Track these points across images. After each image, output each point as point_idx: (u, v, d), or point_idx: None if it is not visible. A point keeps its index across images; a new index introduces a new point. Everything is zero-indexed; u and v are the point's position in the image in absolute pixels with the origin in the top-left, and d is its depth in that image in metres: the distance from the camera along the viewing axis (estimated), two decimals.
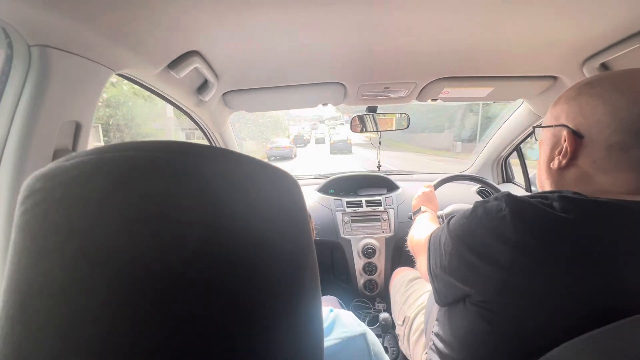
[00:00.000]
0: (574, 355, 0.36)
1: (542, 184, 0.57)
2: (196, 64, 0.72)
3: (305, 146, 27.64)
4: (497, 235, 0.44)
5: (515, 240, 0.42)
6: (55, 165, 0.19)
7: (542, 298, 0.41)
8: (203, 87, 0.90)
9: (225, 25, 0.63)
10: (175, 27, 0.60)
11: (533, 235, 0.41)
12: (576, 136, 0.47)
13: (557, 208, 0.42)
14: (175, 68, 0.69)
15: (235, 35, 0.67)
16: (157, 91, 0.78)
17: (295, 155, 19.78)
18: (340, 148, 21.35)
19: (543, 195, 0.46)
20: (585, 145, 0.46)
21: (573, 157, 0.48)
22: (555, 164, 0.51)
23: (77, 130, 0.56)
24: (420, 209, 0.99)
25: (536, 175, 0.62)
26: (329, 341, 0.47)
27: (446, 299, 0.56)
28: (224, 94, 1.04)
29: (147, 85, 0.73)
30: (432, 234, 0.61)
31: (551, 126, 0.52)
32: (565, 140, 0.48)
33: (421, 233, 0.76)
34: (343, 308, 1.08)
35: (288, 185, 0.26)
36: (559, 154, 0.50)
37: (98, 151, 0.20)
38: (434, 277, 0.57)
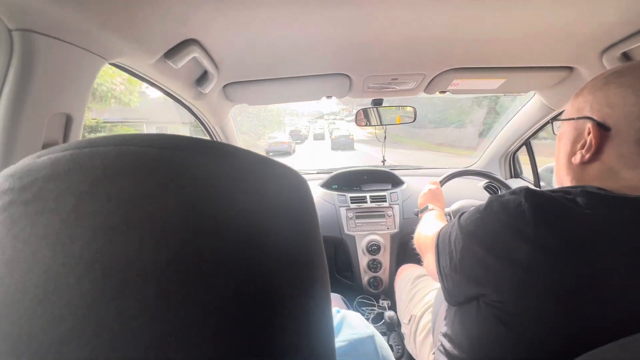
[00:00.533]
0: None
1: (561, 180, 0.54)
2: (195, 53, 0.69)
3: (302, 143, 24.80)
4: (515, 231, 0.41)
5: (535, 237, 0.39)
6: (26, 162, 0.17)
7: (564, 300, 0.38)
8: (202, 78, 0.86)
9: (225, 13, 0.59)
10: (171, 13, 0.56)
11: (555, 232, 0.38)
12: (602, 129, 0.44)
13: (581, 204, 0.39)
14: (173, 58, 0.66)
15: (235, 23, 0.64)
16: (154, 82, 0.75)
17: (294, 151, 18.76)
18: (343, 144, 19.80)
19: (565, 190, 0.43)
20: (612, 139, 0.43)
21: (597, 151, 0.45)
22: (577, 159, 0.48)
23: (68, 123, 0.52)
24: (427, 206, 0.96)
25: (549, 168, 0.58)
26: (337, 343, 0.46)
27: (457, 298, 0.53)
28: (224, 86, 1.00)
29: (142, 75, 0.70)
30: (440, 230, 0.58)
31: (573, 119, 0.49)
32: (589, 133, 0.45)
33: (428, 230, 0.74)
34: (347, 305, 1.06)
35: (294, 182, 0.24)
36: (582, 147, 0.47)
37: (74, 146, 0.17)
38: (443, 276, 0.54)
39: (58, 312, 0.14)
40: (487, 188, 1.50)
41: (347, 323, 0.50)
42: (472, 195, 1.33)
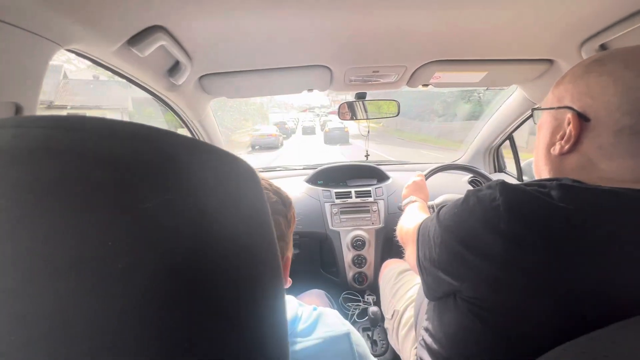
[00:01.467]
0: (573, 358, 0.32)
1: (540, 170, 0.54)
2: (162, 41, 0.65)
3: (289, 137, 21.83)
4: (490, 226, 0.40)
5: (509, 232, 0.38)
6: None
7: (538, 294, 0.38)
8: (175, 69, 0.82)
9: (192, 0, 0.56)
10: None
11: (528, 227, 0.38)
12: (582, 119, 0.43)
13: (555, 197, 0.39)
14: (137, 45, 0.62)
15: (206, 10, 0.60)
16: (119, 71, 0.71)
17: (281, 144, 17.43)
18: (337, 137, 17.77)
19: (540, 184, 0.42)
20: (592, 129, 0.42)
21: (577, 142, 0.44)
22: (556, 150, 0.47)
23: (18, 113, 0.49)
24: (410, 198, 0.96)
25: (532, 162, 0.57)
26: (310, 340, 0.45)
27: (436, 292, 0.53)
28: (200, 78, 0.96)
29: (105, 64, 0.66)
30: (421, 223, 0.58)
31: (553, 108, 0.48)
32: (569, 124, 0.44)
33: (410, 222, 0.73)
34: (331, 302, 1.05)
35: (241, 172, 0.23)
36: (561, 138, 0.46)
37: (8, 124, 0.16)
38: (422, 269, 0.54)
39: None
40: (471, 182, 1.50)
41: (324, 321, 0.50)
42: (457, 189, 1.33)
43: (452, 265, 0.46)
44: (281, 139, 17.87)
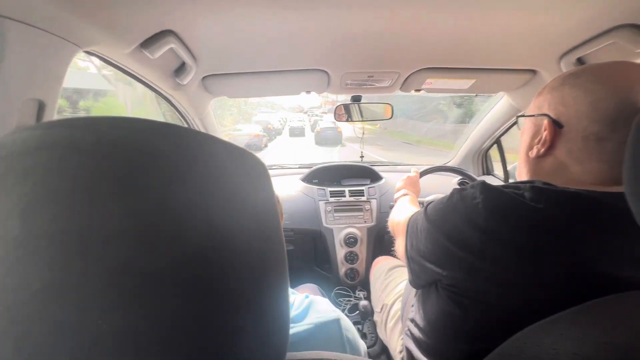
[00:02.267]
0: (537, 338, 0.37)
1: (521, 172, 0.59)
2: (171, 44, 0.69)
3: (273, 139, 19.25)
4: (469, 221, 0.45)
5: (486, 227, 0.43)
6: None
7: (510, 284, 0.43)
8: (180, 69, 0.86)
9: (202, 5, 0.60)
10: (147, 3, 0.57)
11: (504, 223, 0.43)
12: (556, 125, 0.48)
13: (527, 198, 0.43)
14: (149, 48, 0.66)
15: (212, 15, 0.65)
16: (130, 72, 0.75)
17: (265, 146, 15.75)
18: (329, 138, 16.11)
19: (516, 186, 0.47)
20: (564, 135, 0.47)
21: (551, 146, 0.49)
22: (533, 153, 0.52)
23: (41, 109, 0.53)
24: (403, 191, 1.02)
25: (516, 165, 0.63)
26: (302, 326, 0.48)
27: (420, 280, 0.58)
28: (203, 78, 1.00)
29: (118, 65, 0.70)
30: (410, 217, 0.63)
31: (533, 115, 0.53)
32: (545, 129, 0.49)
33: (401, 215, 0.78)
34: (323, 296, 1.09)
35: (253, 166, 0.25)
36: (538, 142, 0.51)
37: (44, 126, 0.19)
38: (409, 258, 0.59)
39: (24, 277, 0.15)
40: (460, 184, 1.57)
41: (315, 307, 0.53)
42: (446, 189, 1.38)
43: (436, 255, 0.51)
44: (265, 140, 16.21)
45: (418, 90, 1.19)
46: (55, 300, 0.15)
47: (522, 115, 0.59)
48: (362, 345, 0.58)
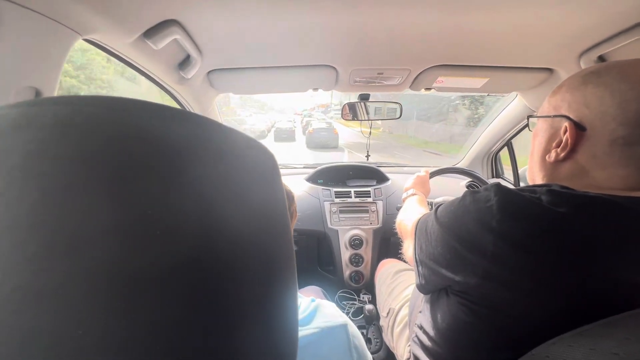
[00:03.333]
0: (562, 352, 0.34)
1: (534, 176, 0.55)
2: (176, 35, 0.67)
3: None
4: (483, 224, 0.42)
5: (500, 230, 0.41)
6: None
7: (526, 290, 0.40)
8: (185, 62, 0.84)
9: None
10: None
11: (520, 227, 0.40)
12: (578, 128, 0.44)
13: (544, 201, 0.41)
14: (152, 37, 0.64)
15: (218, 7, 0.62)
16: (133, 63, 0.72)
17: None
18: (323, 141, 13.87)
19: (531, 189, 0.44)
20: (587, 138, 0.44)
21: (572, 150, 0.46)
22: (552, 157, 0.49)
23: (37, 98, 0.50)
24: (411, 190, 0.99)
25: (527, 169, 0.59)
26: (308, 330, 0.46)
27: (428, 285, 0.55)
28: (209, 73, 0.98)
29: (120, 55, 0.67)
30: (419, 219, 0.60)
31: (550, 116, 0.50)
32: (565, 132, 0.46)
33: (409, 216, 0.75)
34: (327, 298, 1.06)
35: (263, 159, 0.22)
36: (557, 146, 0.48)
37: (26, 103, 0.16)
38: (418, 262, 0.56)
39: (1, 274, 0.13)
40: (469, 187, 1.53)
41: (321, 311, 0.51)
42: (455, 192, 1.35)
43: (447, 258, 0.48)
44: None
45: (428, 89, 1.16)
46: (31, 304, 0.13)
47: (535, 116, 0.55)
48: (369, 355, 0.55)
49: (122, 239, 0.14)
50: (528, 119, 0.58)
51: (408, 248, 0.64)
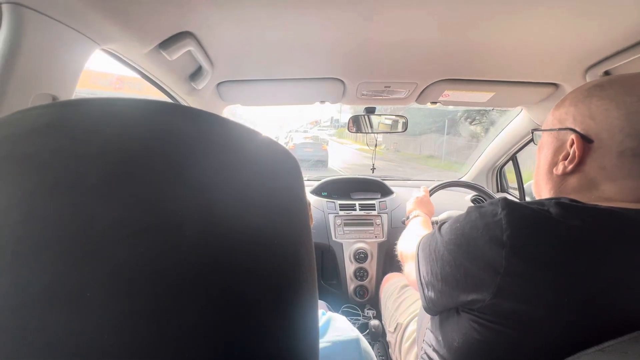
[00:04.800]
0: None
1: (540, 190, 0.55)
2: (190, 46, 0.68)
3: None
4: (492, 238, 0.41)
5: (511, 244, 0.40)
6: (14, 115, 0.16)
7: (542, 305, 0.39)
8: (197, 74, 0.85)
9: (223, 9, 0.60)
10: (169, 3, 0.56)
11: (531, 240, 0.39)
12: (585, 140, 0.45)
13: (554, 214, 0.40)
14: (167, 49, 0.65)
15: (232, 20, 0.64)
16: (146, 74, 0.74)
17: None
18: (307, 158, 11.24)
19: (539, 202, 0.43)
20: (595, 150, 0.44)
21: (580, 162, 0.46)
22: (559, 170, 0.48)
23: None
24: (414, 212, 0.96)
25: (532, 182, 0.59)
26: (321, 343, 0.45)
27: (436, 307, 0.53)
28: (218, 84, 0.99)
29: (135, 65, 0.69)
30: (421, 240, 0.58)
31: (555, 129, 0.50)
32: (572, 145, 0.46)
33: (411, 239, 0.73)
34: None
35: (285, 161, 0.22)
36: (564, 159, 0.48)
37: (60, 104, 0.17)
38: (424, 285, 0.54)
39: (26, 273, 0.13)
40: (474, 201, 1.52)
41: (334, 324, 0.50)
42: (460, 206, 1.34)
43: (457, 278, 0.46)
44: None
45: (434, 103, 1.17)
46: (54, 307, 0.12)
47: (540, 130, 0.55)
48: None
49: (147, 243, 0.14)
50: (533, 132, 0.58)
51: (411, 271, 0.61)
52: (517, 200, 0.44)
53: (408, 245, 0.71)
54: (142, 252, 0.14)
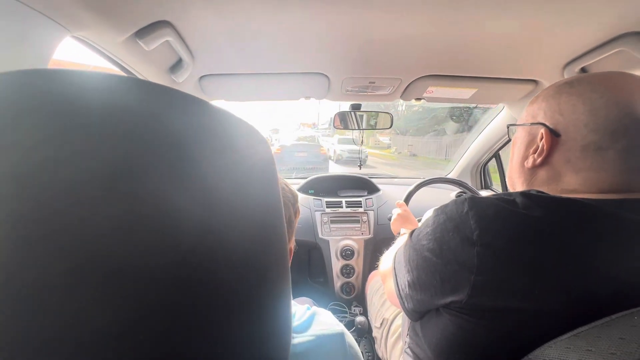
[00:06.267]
0: (559, 355, 0.33)
1: (514, 183, 0.57)
2: (168, 36, 0.66)
3: None
4: (463, 239, 0.42)
5: (481, 242, 0.41)
6: None
7: (512, 298, 0.40)
8: (177, 66, 0.83)
9: None
10: None
11: (497, 234, 0.41)
12: (553, 134, 0.47)
13: (519, 206, 0.42)
14: (144, 38, 0.63)
15: (212, 10, 0.62)
16: (122, 64, 0.71)
17: None
18: (300, 165, 8.65)
19: (507, 194, 0.45)
20: (562, 144, 0.46)
21: (548, 155, 0.48)
22: (529, 163, 0.50)
23: None
24: (401, 231, 0.96)
25: (507, 176, 0.60)
26: (304, 337, 0.44)
27: (418, 314, 0.54)
28: (200, 78, 0.97)
29: (109, 55, 0.66)
30: (396, 253, 0.58)
31: (527, 124, 0.52)
32: (541, 138, 0.48)
33: (389, 256, 0.73)
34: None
35: (257, 142, 0.21)
36: (534, 152, 0.50)
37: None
38: (403, 297, 0.54)
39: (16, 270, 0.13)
40: (458, 197, 1.54)
41: (318, 319, 0.49)
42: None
43: (434, 284, 0.47)
44: None
45: (419, 99, 1.18)
46: (33, 301, 0.13)
47: (514, 125, 0.57)
48: None
49: (127, 239, 0.14)
50: (508, 127, 0.60)
51: (390, 290, 0.60)
52: (482, 197, 0.45)
53: (386, 263, 0.71)
54: (119, 248, 0.14)
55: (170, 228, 0.15)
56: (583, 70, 0.86)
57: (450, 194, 1.60)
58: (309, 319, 0.48)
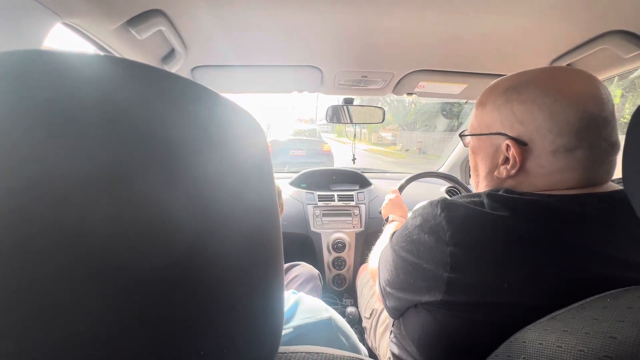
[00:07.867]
0: (538, 336, 0.35)
1: (481, 188, 0.56)
2: (161, 26, 0.66)
3: None
4: (437, 239, 0.45)
5: (454, 242, 0.43)
6: None
7: (485, 294, 0.42)
8: (169, 56, 0.83)
9: None
10: None
11: (467, 235, 0.43)
12: (520, 144, 0.46)
13: (487, 206, 0.44)
14: (137, 27, 0.62)
15: (206, 0, 0.62)
16: (113, 53, 0.70)
17: None
18: (298, 164, 6.30)
19: (475, 194, 0.47)
20: (530, 152, 0.46)
21: (521, 165, 0.47)
22: (502, 174, 0.49)
23: None
24: (390, 217, 0.98)
25: (472, 183, 0.61)
26: (286, 329, 0.44)
27: (399, 311, 0.56)
28: (193, 69, 0.97)
29: (101, 43, 0.65)
30: (381, 254, 0.61)
31: (486, 134, 0.51)
32: (508, 149, 0.47)
33: (376, 254, 0.75)
34: (320, 279, 1.09)
35: (252, 129, 0.22)
36: (504, 162, 0.48)
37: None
38: (384, 295, 0.57)
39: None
40: (449, 192, 1.57)
41: (302, 307, 0.50)
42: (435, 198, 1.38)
43: (410, 283, 0.49)
44: None
45: (410, 94, 1.19)
46: (26, 300, 0.13)
47: (470, 134, 0.55)
48: (362, 347, 0.54)
49: (121, 237, 0.14)
50: (461, 136, 0.59)
51: (377, 287, 0.62)
52: (454, 199, 0.47)
53: (374, 263, 0.73)
54: (116, 247, 0.14)
55: (165, 228, 0.15)
56: (570, 66, 0.88)
57: (440, 188, 1.63)
58: (293, 307, 0.48)
